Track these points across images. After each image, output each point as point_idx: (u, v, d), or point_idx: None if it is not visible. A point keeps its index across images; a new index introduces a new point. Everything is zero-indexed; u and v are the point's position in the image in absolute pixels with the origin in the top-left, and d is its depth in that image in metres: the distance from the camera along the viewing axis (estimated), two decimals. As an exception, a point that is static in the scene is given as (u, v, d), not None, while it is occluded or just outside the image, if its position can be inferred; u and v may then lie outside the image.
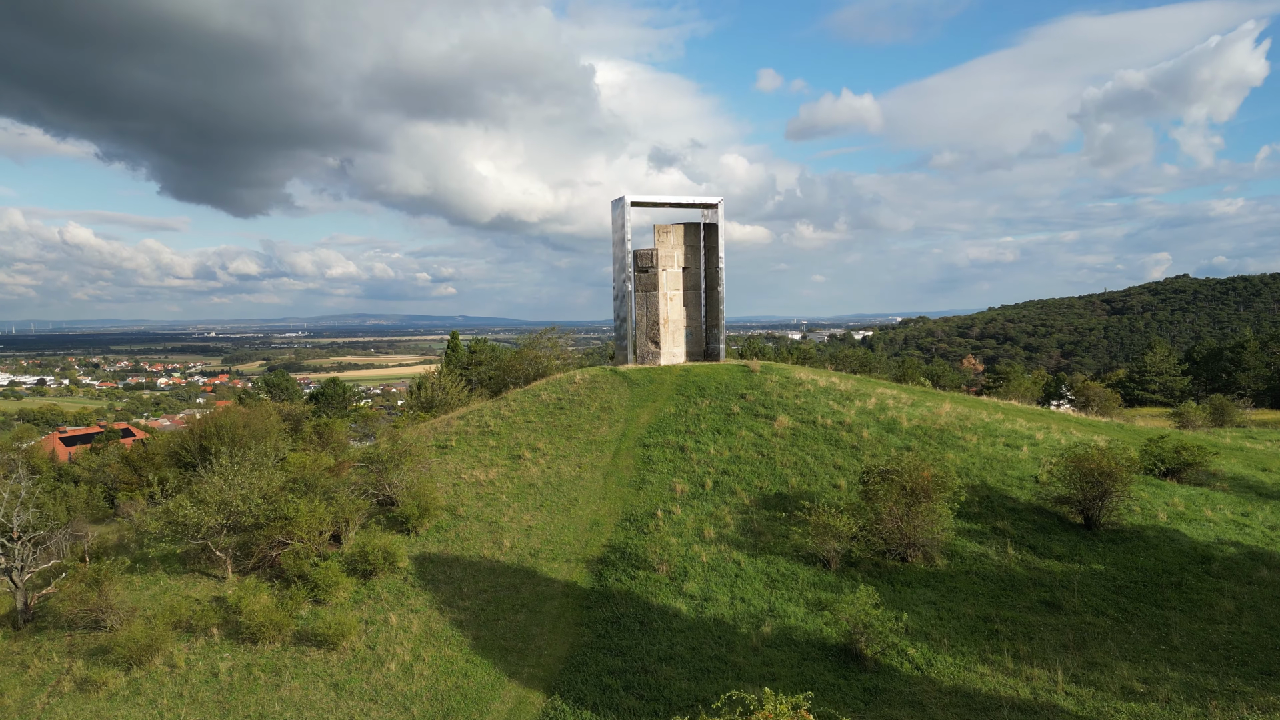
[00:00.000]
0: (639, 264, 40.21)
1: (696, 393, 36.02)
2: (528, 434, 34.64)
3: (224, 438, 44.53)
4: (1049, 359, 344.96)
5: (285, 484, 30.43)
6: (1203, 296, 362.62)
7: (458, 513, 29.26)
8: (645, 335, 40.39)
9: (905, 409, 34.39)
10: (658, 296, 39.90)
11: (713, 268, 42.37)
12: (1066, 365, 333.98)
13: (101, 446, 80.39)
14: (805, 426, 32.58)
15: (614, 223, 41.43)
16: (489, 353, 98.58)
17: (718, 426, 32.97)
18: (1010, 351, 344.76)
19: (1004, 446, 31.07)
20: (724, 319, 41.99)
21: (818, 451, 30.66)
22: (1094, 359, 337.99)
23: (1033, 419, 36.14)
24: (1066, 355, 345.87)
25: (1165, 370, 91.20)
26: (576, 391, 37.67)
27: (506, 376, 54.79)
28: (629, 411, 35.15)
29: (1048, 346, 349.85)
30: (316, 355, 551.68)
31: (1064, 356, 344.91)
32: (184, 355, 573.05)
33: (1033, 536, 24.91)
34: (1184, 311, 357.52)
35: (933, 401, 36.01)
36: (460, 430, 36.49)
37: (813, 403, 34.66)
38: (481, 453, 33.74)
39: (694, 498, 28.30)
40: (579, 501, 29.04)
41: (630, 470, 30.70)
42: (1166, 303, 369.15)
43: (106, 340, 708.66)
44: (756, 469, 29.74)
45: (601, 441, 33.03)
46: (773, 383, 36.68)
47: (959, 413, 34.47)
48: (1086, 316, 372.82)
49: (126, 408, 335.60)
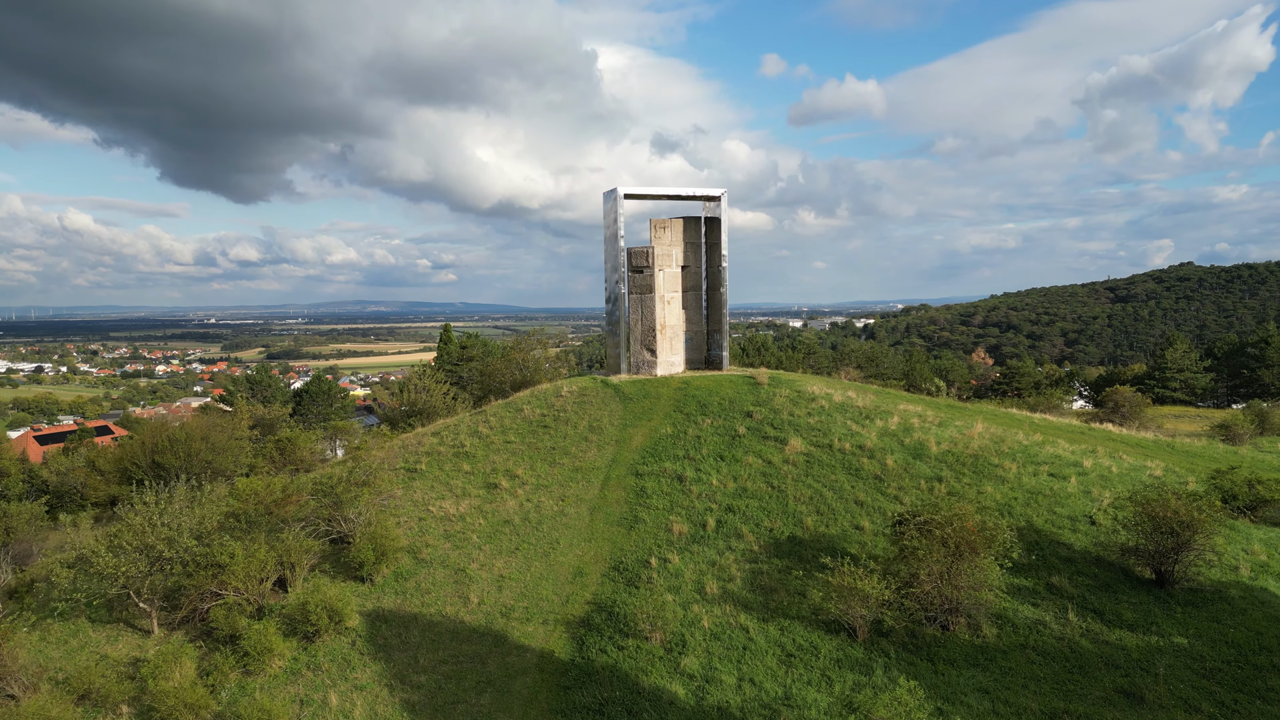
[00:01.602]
0: (633, 263, 36.16)
1: (697, 410, 32.06)
2: (506, 457, 30.69)
3: (178, 452, 40.62)
4: (1052, 348, 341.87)
5: (224, 520, 26.49)
6: (1207, 284, 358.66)
7: (421, 556, 25.34)
8: (640, 342, 36.38)
9: (933, 430, 30.44)
10: (654, 299, 35.87)
11: (715, 266, 38.32)
12: (1070, 354, 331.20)
13: (74, 447, 76.28)
14: (821, 452, 28.63)
15: (606, 217, 37.37)
16: (480, 348, 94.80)
17: (721, 451, 29.01)
18: (1013, 340, 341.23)
19: (1048, 476, 27.11)
20: (727, 323, 37.97)
21: (836, 483, 26.71)
22: (1098, 348, 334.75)
23: (1075, 439, 32.18)
24: (1070, 344, 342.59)
25: (1186, 367, 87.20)
26: (563, 407, 33.70)
27: (491, 382, 50.86)
28: (621, 432, 31.20)
29: (1051, 335, 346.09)
30: (316, 342, 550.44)
31: (1068, 345, 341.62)
32: (184, 342, 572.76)
33: (1096, 597, 20.98)
34: (1189, 300, 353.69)
35: (963, 420, 32.04)
36: (433, 450, 32.55)
37: (828, 422, 30.70)
38: (454, 479, 29.80)
39: (694, 541, 24.37)
40: (561, 544, 25.10)
41: (621, 505, 26.76)
42: (1171, 290, 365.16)
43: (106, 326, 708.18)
44: (766, 505, 25.79)
45: (589, 468, 29.08)
46: (782, 398, 32.70)
47: (993, 434, 30.50)
48: (1090, 304, 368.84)
49: (123, 396, 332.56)
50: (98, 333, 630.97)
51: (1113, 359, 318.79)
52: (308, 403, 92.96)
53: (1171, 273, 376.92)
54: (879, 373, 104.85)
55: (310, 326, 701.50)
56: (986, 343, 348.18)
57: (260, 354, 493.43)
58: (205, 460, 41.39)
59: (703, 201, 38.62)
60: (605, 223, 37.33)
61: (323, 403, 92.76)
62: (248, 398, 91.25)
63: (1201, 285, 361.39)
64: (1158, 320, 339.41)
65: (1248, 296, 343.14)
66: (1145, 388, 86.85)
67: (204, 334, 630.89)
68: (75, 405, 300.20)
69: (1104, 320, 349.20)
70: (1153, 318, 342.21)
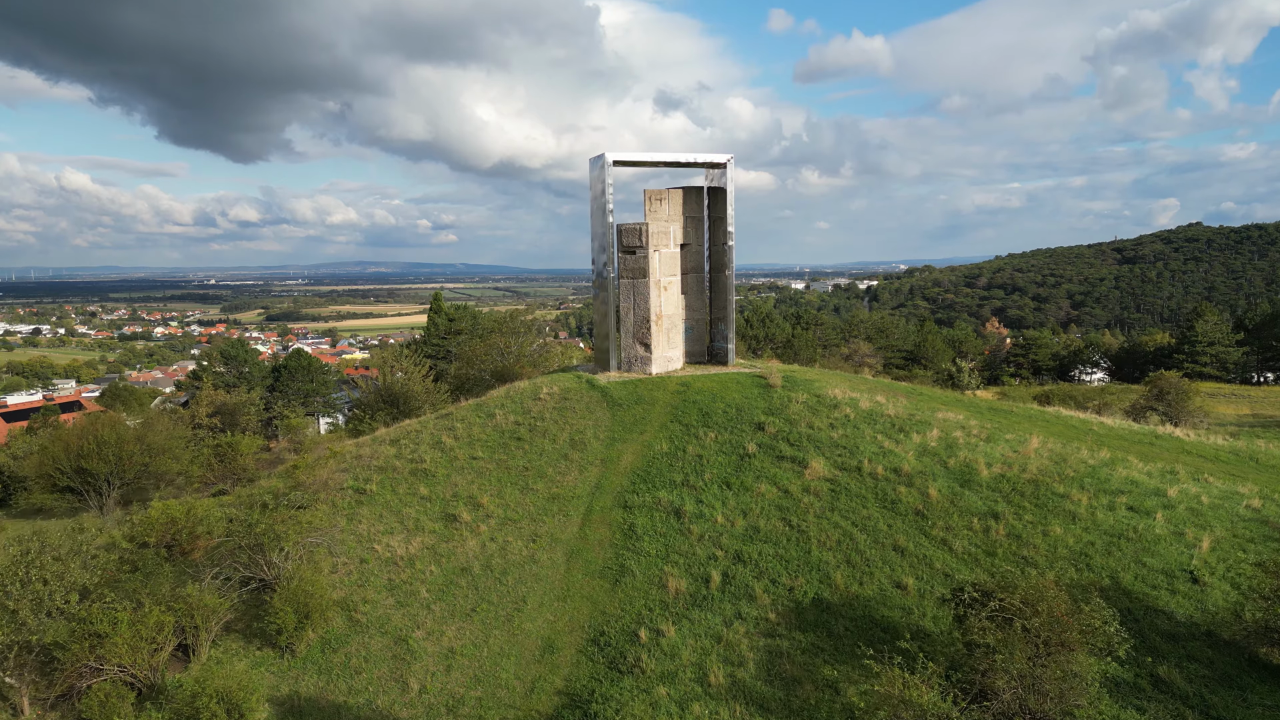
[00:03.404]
0: (624, 243, 30.88)
1: (699, 421, 27.02)
2: (471, 478, 25.72)
3: (107, 457, 35.67)
4: (1059, 310, 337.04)
5: (115, 571, 21.57)
6: (1216, 245, 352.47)
7: (356, 615, 20.47)
8: (632, 335, 31.23)
9: (980, 446, 25.42)
10: (648, 285, 30.64)
11: (719, 245, 33.08)
12: (1076, 317, 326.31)
13: (38, 426, 71.18)
14: (848, 477, 23.65)
15: (593, 187, 32.07)
16: (469, 320, 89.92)
17: (727, 476, 24.01)
18: (1018, 303, 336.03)
19: (1127, 511, 22.13)
20: (734, 311, 32.80)
21: (869, 521, 21.75)
22: (1105, 310, 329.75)
23: (1145, 453, 27.18)
24: (1076, 306, 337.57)
25: (1218, 340, 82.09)
26: (541, 413, 28.66)
27: (470, 368, 45.89)
28: (607, 449, 26.18)
29: (1057, 297, 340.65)
30: (315, 304, 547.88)
31: (1074, 308, 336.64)
32: (183, 303, 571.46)
33: (1218, 696, 16.09)
34: (1197, 261, 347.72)
35: (1014, 433, 27.00)
36: (388, 465, 27.59)
37: (855, 437, 25.68)
38: (408, 506, 24.86)
39: (694, 604, 19.46)
40: (528, 604, 20.21)
41: (605, 548, 21.83)
42: (1179, 252, 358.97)
43: (106, 287, 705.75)
44: (783, 551, 20.86)
45: (568, 496, 24.11)
46: (799, 405, 27.64)
47: (1052, 451, 25.48)
48: (1097, 266, 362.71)
49: (119, 360, 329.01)
50: (97, 294, 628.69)
51: (1120, 322, 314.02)
52: (286, 379, 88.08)
53: (1180, 233, 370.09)
54: (889, 344, 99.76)
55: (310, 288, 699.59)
56: (992, 304, 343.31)
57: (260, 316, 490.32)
58: (140, 464, 36.50)
59: (705, 169, 33.30)
60: (592, 194, 32.02)
61: (302, 378, 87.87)
62: (222, 373, 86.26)
63: (1210, 246, 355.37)
64: (1165, 282, 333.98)
65: (1257, 258, 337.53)
66: (1174, 363, 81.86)
67: (204, 295, 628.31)
68: (70, 369, 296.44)
69: (1111, 282, 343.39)
70: (1160, 280, 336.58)
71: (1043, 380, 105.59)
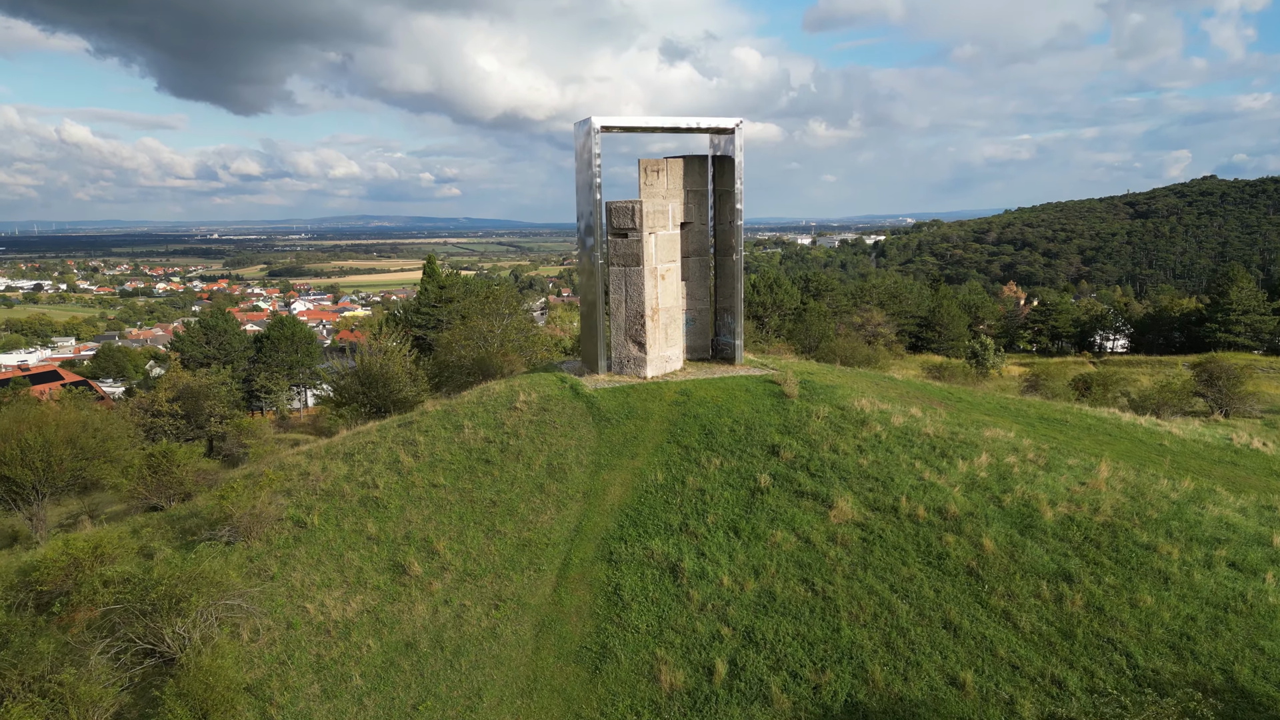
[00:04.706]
0: (614, 224, 26.30)
1: (700, 440, 22.73)
2: (429, 512, 21.53)
3: (34, 463, 31.53)
4: (1069, 266, 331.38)
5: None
6: (1230, 199, 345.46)
7: (271, 709, 16.39)
8: (624, 332, 26.80)
9: (1039, 477, 21.12)
10: (642, 274, 26.12)
11: (726, 223, 28.52)
12: (1088, 273, 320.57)
13: (9, 400, 66.96)
14: (882, 520, 19.41)
15: (578, 158, 27.43)
16: (461, 287, 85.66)
17: (735, 519, 19.78)
18: (1028, 258, 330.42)
19: (1229, 570, 17.89)
20: (742, 300, 28.32)
21: (910, 584, 17.54)
22: (1116, 266, 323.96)
23: (1233, 482, 22.92)
24: (1087, 262, 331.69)
25: (1253, 308, 77.32)
26: (515, 428, 24.37)
27: (450, 356, 41.59)
28: (591, 478, 21.93)
29: (1068, 253, 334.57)
30: (318, 259, 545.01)
31: (1085, 264, 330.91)
32: (186, 258, 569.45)
33: None
34: (1211, 215, 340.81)
35: (1076, 457, 22.67)
36: (336, 488, 23.41)
37: (888, 464, 21.41)
38: (351, 549, 20.70)
39: (694, 707, 15.31)
40: (484, 700, 16.07)
41: (583, 619, 17.67)
42: (1193, 205, 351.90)
43: (109, 242, 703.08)
44: (805, 628, 16.68)
45: (542, 542, 19.91)
46: (820, 421, 23.32)
47: (1125, 482, 21.20)
48: (1109, 220, 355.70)
49: (119, 316, 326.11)
50: (100, 248, 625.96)
51: (1132, 278, 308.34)
52: (269, 350, 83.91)
53: (1194, 187, 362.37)
54: (902, 309, 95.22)
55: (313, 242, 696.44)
56: (1001, 260, 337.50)
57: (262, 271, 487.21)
58: (72, 471, 32.42)
59: (711, 135, 28.61)
60: (577, 165, 27.38)
61: (286, 349, 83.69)
62: (200, 346, 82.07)
63: (1225, 200, 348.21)
64: (1179, 237, 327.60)
65: (1272, 212, 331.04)
66: (1205, 332, 77.32)
67: (206, 250, 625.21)
68: (70, 327, 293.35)
69: (1123, 237, 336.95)
70: (1174, 235, 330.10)
71: (1061, 347, 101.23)
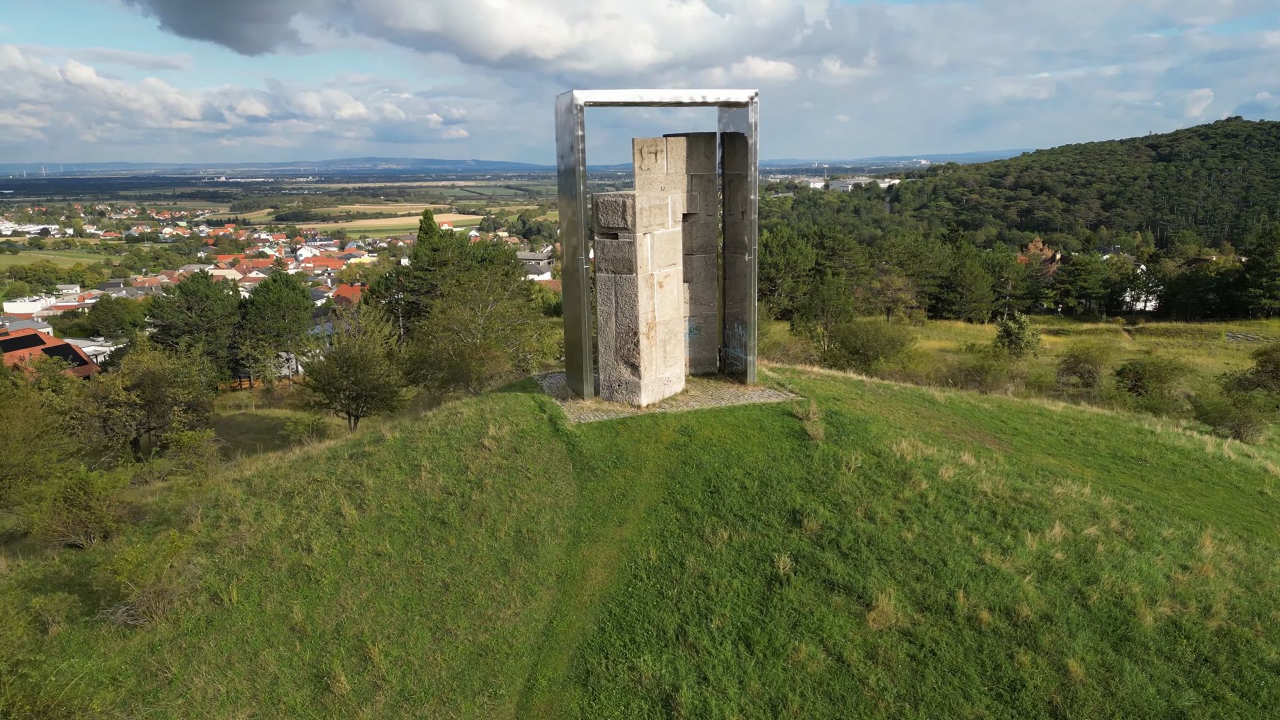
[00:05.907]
0: (603, 222, 21.67)
1: (704, 501, 18.45)
2: (367, 595, 17.40)
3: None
4: (1088, 211, 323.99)
5: None
6: (1256, 141, 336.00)
7: None
8: (614, 351, 22.35)
9: (1130, 559, 16.81)
10: (635, 283, 21.57)
11: (738, 213, 23.87)
12: (1107, 219, 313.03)
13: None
14: (935, 626, 15.18)
15: (560, 139, 22.71)
16: (455, 249, 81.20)
17: (747, 625, 15.55)
18: (1046, 204, 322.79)
19: (1392, 707, 13.67)
20: (755, 307, 23.78)
21: (977, 732, 13.37)
22: (1137, 211, 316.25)
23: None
24: (1107, 207, 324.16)
25: (1300, 271, 72.07)
26: (480, 476, 20.11)
27: (426, 350, 37.29)
28: (568, 551, 17.71)
29: (1087, 198, 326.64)
30: (325, 203, 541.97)
31: (1104, 209, 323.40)
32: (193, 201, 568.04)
33: None
34: (1235, 158, 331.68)
35: (1170, 524, 18.32)
36: (264, 549, 19.31)
37: (939, 538, 17.12)
38: (269, 646, 16.61)
39: None
40: None
41: (549, 775, 13.60)
42: (1217, 149, 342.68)
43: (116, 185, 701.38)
44: (841, 803, 12.58)
45: (502, 651, 15.75)
46: (851, 474, 18.99)
47: (1235, 564, 16.90)
48: (1130, 163, 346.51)
49: (124, 263, 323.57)
50: (107, 191, 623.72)
51: (1152, 223, 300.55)
52: (255, 316, 79.67)
53: (1218, 128, 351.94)
54: (922, 270, 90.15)
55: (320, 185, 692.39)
56: (1019, 205, 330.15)
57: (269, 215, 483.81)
58: None
59: (720, 109, 23.81)
60: (558, 149, 22.67)
61: (272, 315, 79.43)
62: (181, 312, 77.86)
63: (1250, 143, 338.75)
64: (1202, 181, 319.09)
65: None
66: (1249, 298, 72.31)
67: (214, 193, 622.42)
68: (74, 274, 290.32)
69: (1144, 181, 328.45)
70: (1196, 179, 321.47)
71: (1089, 307, 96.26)
